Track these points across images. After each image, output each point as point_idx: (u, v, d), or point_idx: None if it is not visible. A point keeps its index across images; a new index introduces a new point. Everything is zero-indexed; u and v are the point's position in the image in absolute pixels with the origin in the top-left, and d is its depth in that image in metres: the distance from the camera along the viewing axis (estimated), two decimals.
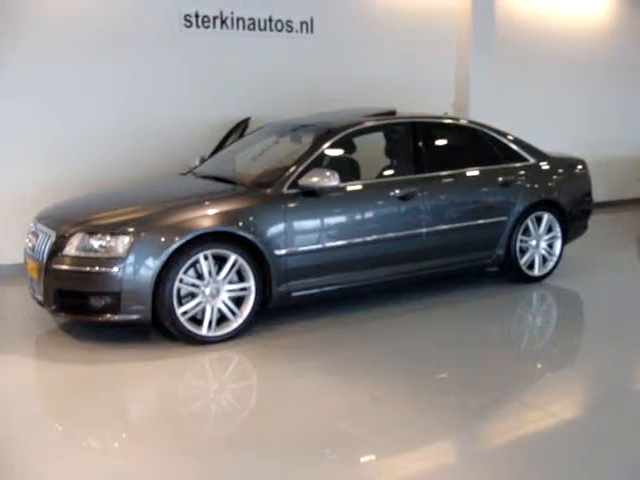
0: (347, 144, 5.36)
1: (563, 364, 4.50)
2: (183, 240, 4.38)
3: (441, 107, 7.46)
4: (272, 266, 4.69)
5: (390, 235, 5.16)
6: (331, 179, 4.79)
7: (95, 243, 4.42)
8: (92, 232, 4.45)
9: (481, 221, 5.62)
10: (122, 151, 6.54)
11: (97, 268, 4.36)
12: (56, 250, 4.49)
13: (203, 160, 5.98)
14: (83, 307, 4.46)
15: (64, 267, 4.45)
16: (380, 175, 5.41)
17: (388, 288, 5.50)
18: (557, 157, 6.29)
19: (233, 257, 4.56)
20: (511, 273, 5.93)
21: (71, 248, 4.46)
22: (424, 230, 5.30)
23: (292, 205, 4.80)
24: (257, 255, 4.65)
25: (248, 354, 4.52)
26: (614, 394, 3.97)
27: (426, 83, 8.09)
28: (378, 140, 5.70)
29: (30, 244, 4.83)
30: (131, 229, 4.41)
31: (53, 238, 4.55)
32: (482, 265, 5.81)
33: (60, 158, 6.37)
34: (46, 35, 6.21)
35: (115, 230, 4.42)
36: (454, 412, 3.68)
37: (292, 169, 4.92)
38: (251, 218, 4.64)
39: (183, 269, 4.43)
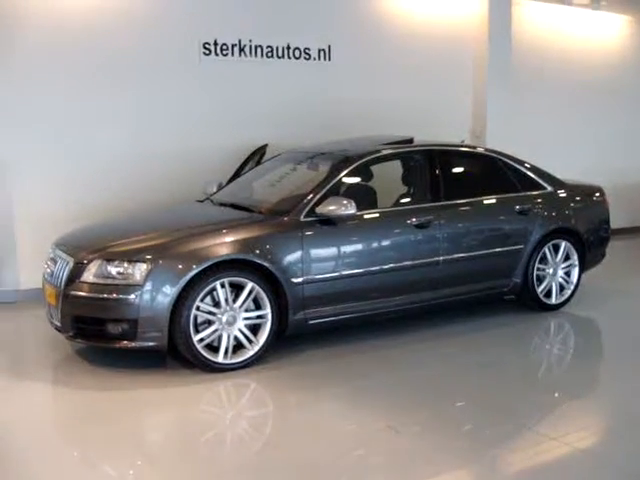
0: (364, 172, 5.39)
1: (580, 394, 4.43)
2: (200, 268, 4.41)
3: (458, 133, 7.51)
4: (289, 294, 4.69)
5: (406, 263, 5.16)
6: (348, 207, 4.80)
7: (113, 270, 4.45)
8: (110, 259, 4.48)
9: (498, 249, 5.60)
10: (140, 177, 6.61)
11: (114, 295, 4.39)
12: (74, 276, 4.53)
13: (220, 187, 6.02)
14: (100, 333, 4.49)
15: (82, 293, 4.48)
16: (397, 203, 5.42)
17: (403, 316, 5.47)
18: (574, 185, 6.28)
19: (250, 285, 4.58)
20: (528, 301, 5.89)
21: (89, 275, 4.49)
22: (441, 258, 5.30)
23: (309, 233, 4.81)
24: (274, 283, 4.66)
25: (264, 382, 4.51)
26: (632, 425, 3.91)
27: (443, 109, 8.13)
28: (395, 168, 5.72)
29: (49, 270, 4.88)
30: (148, 256, 4.44)
31: (71, 265, 4.59)
32: (499, 293, 5.79)
33: (78, 184, 6.43)
34: (66, 62, 6.32)
35: (132, 257, 4.45)
36: (469, 442, 3.65)
37: (309, 197, 4.94)
38: (268, 246, 4.66)
39: (200, 296, 4.44)
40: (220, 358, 4.55)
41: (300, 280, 4.74)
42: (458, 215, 5.46)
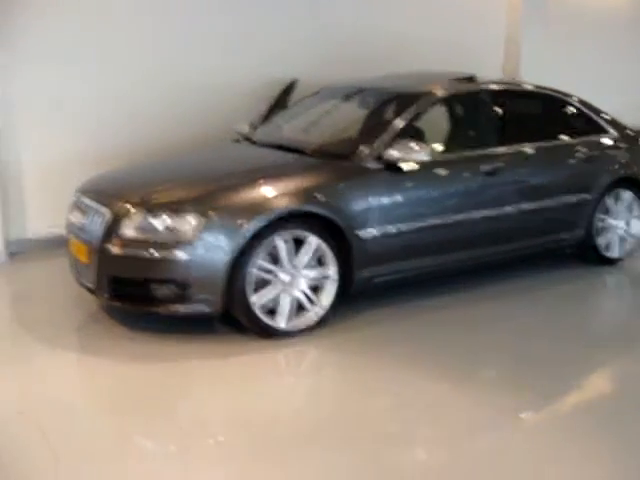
0: (430, 113, 4.78)
1: None
2: (265, 221, 3.83)
3: (490, 70, 6.93)
4: (355, 249, 4.15)
5: (476, 215, 4.64)
6: (421, 152, 4.23)
7: (158, 224, 3.83)
8: (153, 211, 3.86)
9: (566, 199, 5.11)
10: (157, 117, 5.88)
11: (161, 252, 3.79)
12: (111, 231, 3.91)
13: (253, 126, 5.38)
14: (143, 296, 3.91)
15: (121, 251, 3.87)
16: (465, 148, 4.81)
17: (467, 271, 4.98)
18: (636, 130, 5.78)
19: (314, 240, 4.01)
20: (589, 255, 5.44)
21: (129, 229, 3.87)
22: (510, 209, 4.79)
23: (376, 181, 4.24)
24: (337, 238, 4.11)
25: (329, 349, 4.02)
26: None
27: (474, 43, 7.44)
28: (459, 108, 5.11)
29: (76, 221, 4.23)
30: (201, 207, 3.84)
31: (108, 217, 3.95)
32: (563, 246, 5.33)
33: (89, 122, 5.67)
34: None
35: (181, 208, 3.84)
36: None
37: (375, 140, 4.35)
38: (332, 195, 4.09)
39: (260, 254, 3.87)
40: (281, 323, 4.02)
41: (367, 234, 4.19)
42: (528, 161, 4.95)
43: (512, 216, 4.81)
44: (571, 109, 5.35)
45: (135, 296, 3.95)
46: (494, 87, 5.05)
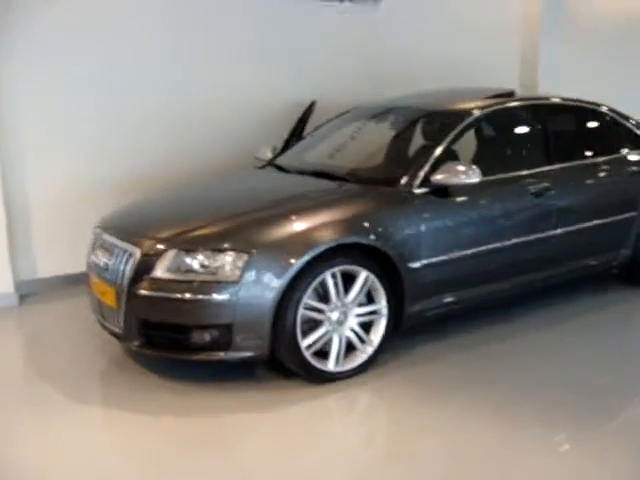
0: (477, 131, 4.50)
1: None
2: (313, 254, 3.48)
3: (507, 85, 6.64)
4: (407, 282, 3.82)
5: (525, 239, 4.33)
6: (471, 175, 3.91)
7: (194, 262, 3.48)
8: (189, 249, 3.51)
9: (612, 218, 4.83)
10: (172, 143, 5.53)
11: (200, 294, 3.43)
12: (142, 272, 3.54)
13: (277, 150, 5.05)
14: (179, 343, 3.54)
15: (154, 293, 3.50)
16: (510, 168, 4.47)
17: (510, 300, 4.67)
18: None
19: (364, 274, 3.68)
20: (636, 275, 5.15)
21: (162, 269, 3.51)
22: (558, 231, 4.49)
23: (425, 207, 3.92)
24: (388, 270, 3.78)
25: (380, 392, 3.67)
26: None
27: (491, 59, 7.19)
28: (501, 126, 4.78)
29: (99, 261, 3.86)
30: (239, 244, 3.49)
31: (137, 256, 3.59)
32: (608, 268, 5.03)
33: (97, 149, 5.30)
34: None
35: (220, 245, 3.49)
36: None
37: (421, 163, 4.03)
38: (381, 225, 3.76)
39: (308, 291, 3.53)
40: (331, 365, 3.66)
41: (418, 265, 3.86)
42: (573, 180, 4.66)
43: (561, 237, 4.52)
44: (612, 123, 5.08)
45: (171, 343, 3.58)
46: (536, 102, 4.78)
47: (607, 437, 3.21)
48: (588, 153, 4.86)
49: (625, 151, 5.04)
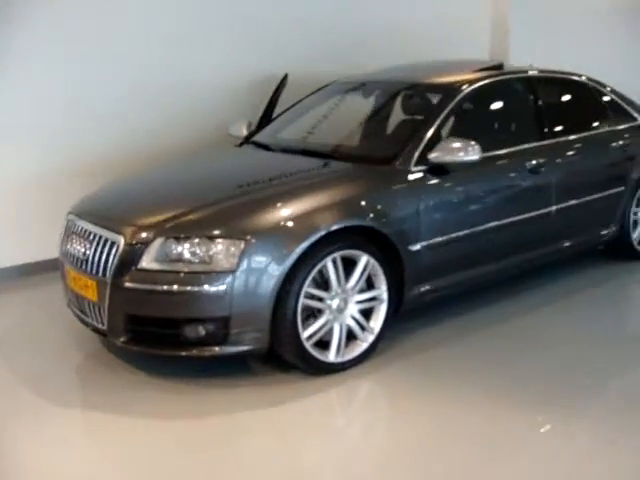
0: (467, 106, 4.30)
1: None
2: (314, 238, 3.26)
3: (476, 54, 6.56)
4: (407, 265, 3.63)
5: (523, 216, 4.20)
6: (471, 151, 3.72)
7: (185, 252, 3.21)
8: (178, 237, 3.23)
9: (604, 193, 4.74)
10: (139, 122, 5.20)
11: (192, 286, 3.17)
12: (127, 262, 3.26)
13: (252, 127, 4.78)
14: (170, 339, 3.28)
15: (141, 286, 3.22)
16: (506, 144, 4.28)
17: (505, 280, 4.53)
18: None
19: (364, 258, 3.47)
20: (622, 250, 5.09)
21: (149, 259, 3.24)
22: (554, 208, 4.37)
23: (422, 186, 3.73)
24: (387, 253, 3.58)
25: (381, 382, 3.49)
26: None
27: (459, 27, 7.00)
28: (494, 100, 4.58)
29: (75, 251, 3.54)
30: (234, 229, 3.23)
31: (121, 245, 3.30)
32: (596, 244, 4.95)
33: (65, 131, 4.92)
34: None
35: (213, 231, 3.23)
36: None
37: (417, 140, 3.82)
38: (380, 206, 3.56)
39: (309, 279, 3.30)
40: (332, 356, 3.46)
41: (417, 247, 3.68)
42: (568, 155, 4.55)
43: (557, 215, 4.40)
44: (602, 96, 4.99)
45: (161, 339, 3.31)
46: (527, 75, 4.62)
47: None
48: (580, 127, 4.74)
49: (613, 126, 4.95)
